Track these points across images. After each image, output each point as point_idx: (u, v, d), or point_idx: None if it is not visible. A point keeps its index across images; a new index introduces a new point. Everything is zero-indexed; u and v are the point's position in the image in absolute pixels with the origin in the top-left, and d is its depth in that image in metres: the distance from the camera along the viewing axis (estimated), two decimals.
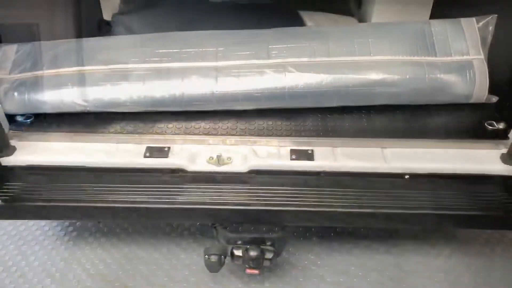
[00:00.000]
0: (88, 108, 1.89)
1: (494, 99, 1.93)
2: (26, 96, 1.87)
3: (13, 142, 1.80)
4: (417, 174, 1.70)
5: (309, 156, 1.74)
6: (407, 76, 1.86)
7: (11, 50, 2.01)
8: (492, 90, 1.90)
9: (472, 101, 1.92)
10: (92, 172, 1.74)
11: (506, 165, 1.68)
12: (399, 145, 1.78)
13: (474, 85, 1.87)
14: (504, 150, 1.73)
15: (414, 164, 1.71)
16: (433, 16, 2.43)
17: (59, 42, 2.02)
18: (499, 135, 1.79)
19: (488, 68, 1.87)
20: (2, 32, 2.08)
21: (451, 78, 1.87)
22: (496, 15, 1.91)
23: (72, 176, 1.73)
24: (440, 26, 1.96)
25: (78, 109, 1.89)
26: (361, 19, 2.76)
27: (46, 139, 1.83)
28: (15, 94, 1.87)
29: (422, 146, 1.78)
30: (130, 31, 2.39)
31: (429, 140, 1.78)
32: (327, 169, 1.71)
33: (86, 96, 1.86)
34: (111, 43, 2.05)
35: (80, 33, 2.27)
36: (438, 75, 1.86)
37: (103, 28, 2.52)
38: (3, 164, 1.74)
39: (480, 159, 1.72)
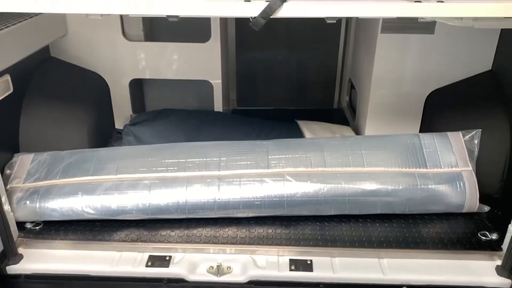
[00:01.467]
0: (95, 216, 1.97)
1: (486, 208, 2.01)
2: (37, 204, 1.96)
3: (20, 250, 1.86)
4: (415, 286, 1.72)
5: (308, 267, 1.77)
6: (400, 187, 1.96)
7: (27, 159, 2.15)
8: (483, 200, 1.98)
9: (464, 211, 1.99)
10: (95, 281, 1.77)
11: (501, 277, 1.71)
12: (396, 255, 1.82)
13: (465, 195, 1.96)
14: (499, 262, 1.76)
15: (411, 276, 1.73)
16: (422, 129, 2.61)
17: (73, 152, 2.16)
18: (493, 246, 1.83)
19: (478, 179, 1.97)
20: (22, 141, 2.25)
21: (442, 188, 1.96)
22: (480, 129, 2.05)
23: (76, 285, 1.76)
24: (429, 139, 2.10)
25: (87, 216, 1.97)
26: (356, 128, 2.94)
27: (52, 247, 1.89)
28: (27, 202, 1.96)
29: (419, 257, 1.81)
30: (139, 140, 2.55)
31: (425, 251, 1.82)
32: (326, 280, 1.73)
33: (95, 204, 1.95)
34: (120, 153, 2.19)
35: (95, 142, 2.43)
36: (430, 186, 1.96)
37: (114, 137, 2.70)
38: (9, 272, 1.78)
39: (476, 270, 1.75)
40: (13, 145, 2.24)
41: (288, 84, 3.62)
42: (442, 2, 1.38)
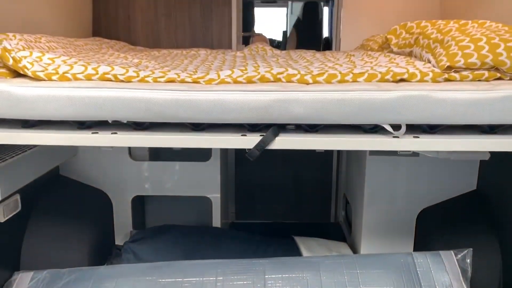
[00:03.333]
0: None
1: None
2: None
3: None
4: None
5: None
6: None
7: (27, 277, 2.17)
8: None
9: None
10: None
11: None
12: None
13: None
14: None
15: None
16: (415, 245, 2.66)
17: (72, 270, 2.19)
18: None
19: None
20: (24, 259, 2.29)
21: None
22: (471, 248, 2.11)
23: None
24: (422, 258, 2.14)
25: None
26: (352, 243, 2.99)
27: None
28: None
29: None
30: (138, 258, 2.59)
31: None
32: None
33: None
34: (118, 272, 2.22)
35: (95, 259, 2.48)
36: None
37: (114, 254, 2.74)
38: None
39: None
40: (15, 263, 2.28)
41: (286, 198, 3.75)
42: (418, 137, 1.55)
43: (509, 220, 2.17)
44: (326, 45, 4.44)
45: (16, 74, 1.69)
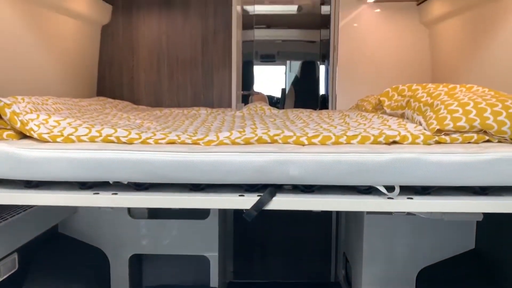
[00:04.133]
0: None
1: None
2: None
3: None
4: None
5: None
6: None
7: None
8: None
9: None
10: None
11: None
12: None
13: None
14: None
15: None
16: None
17: None
18: None
19: None
20: None
21: None
22: None
23: None
24: None
25: None
26: None
27: None
28: None
29: None
30: None
31: None
32: None
33: None
34: None
35: None
36: None
37: None
38: None
39: None
40: None
41: (285, 257, 3.70)
42: (412, 198, 1.58)
43: (507, 279, 2.15)
44: (323, 102, 4.58)
45: (22, 135, 1.75)
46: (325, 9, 4.45)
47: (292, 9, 6.43)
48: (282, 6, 6.44)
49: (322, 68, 6.37)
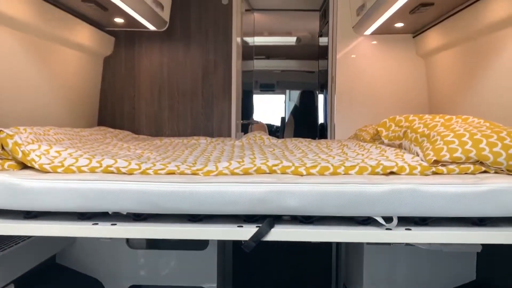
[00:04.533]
0: None
1: None
2: None
3: None
4: None
5: None
6: None
7: None
8: None
9: None
10: None
11: None
12: None
13: None
14: None
15: None
16: None
17: None
18: None
19: None
20: None
21: None
22: None
23: None
24: None
25: None
26: None
27: None
28: None
29: None
30: None
31: None
32: None
33: None
34: None
35: None
36: None
37: None
38: None
39: None
40: None
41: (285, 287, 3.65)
42: (410, 229, 1.58)
43: None
44: (322, 131, 4.62)
45: (23, 165, 1.77)
46: (323, 40, 4.54)
47: (291, 40, 6.57)
48: (281, 37, 6.57)
49: (320, 98, 6.47)
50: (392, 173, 1.72)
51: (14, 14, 2.43)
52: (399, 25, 3.45)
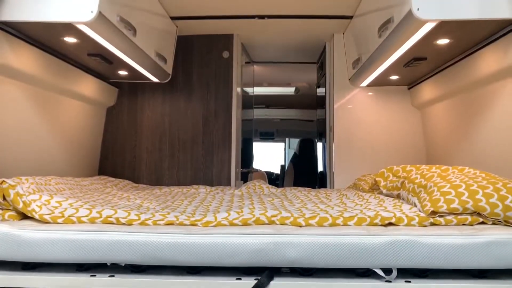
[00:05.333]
0: None
1: None
2: None
3: None
4: None
5: None
6: None
7: None
8: None
9: None
10: None
11: None
12: None
13: None
14: None
15: None
16: None
17: None
18: None
19: None
20: None
21: None
22: None
23: None
24: None
25: None
26: None
27: None
28: None
29: None
30: None
31: None
32: None
33: None
34: None
35: None
36: None
37: None
38: None
39: None
40: None
41: None
42: (410, 282, 1.57)
43: None
44: (322, 179, 4.65)
45: (24, 215, 1.78)
46: (320, 91, 4.66)
47: (289, 90, 6.72)
48: (280, 88, 6.73)
49: (319, 146, 6.54)
50: (390, 224, 1.73)
51: (21, 68, 2.52)
52: (394, 77, 3.56)
